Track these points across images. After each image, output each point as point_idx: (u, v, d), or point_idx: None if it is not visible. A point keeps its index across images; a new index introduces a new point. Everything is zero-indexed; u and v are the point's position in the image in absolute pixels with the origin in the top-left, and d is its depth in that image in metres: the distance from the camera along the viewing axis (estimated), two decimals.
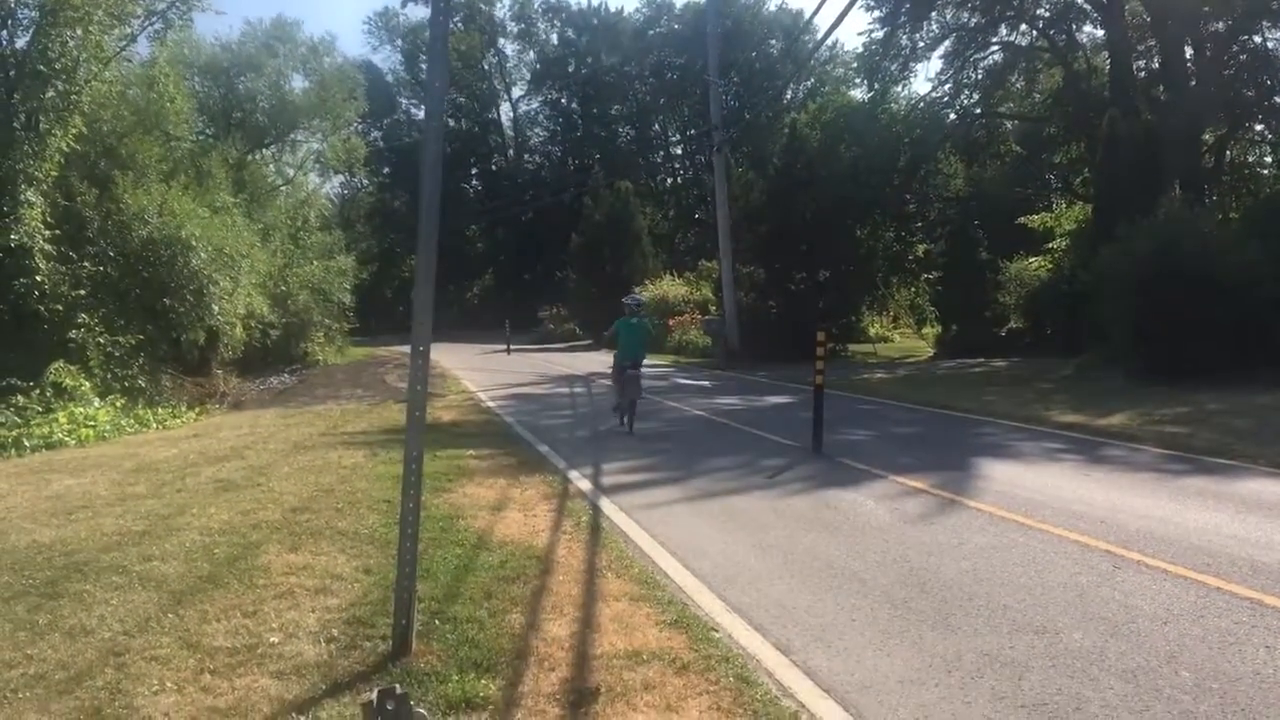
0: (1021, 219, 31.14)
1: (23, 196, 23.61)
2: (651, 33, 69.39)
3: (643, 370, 14.75)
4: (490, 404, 19.44)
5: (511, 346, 39.78)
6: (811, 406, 12.47)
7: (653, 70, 70.10)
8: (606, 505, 9.06)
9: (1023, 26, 32.19)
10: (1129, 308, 18.84)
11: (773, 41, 63.53)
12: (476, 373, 27.46)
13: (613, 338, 14.92)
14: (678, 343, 35.94)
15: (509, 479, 10.31)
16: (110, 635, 5.32)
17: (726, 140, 33.33)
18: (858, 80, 49.63)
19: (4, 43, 25.71)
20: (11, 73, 25.13)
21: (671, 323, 37.81)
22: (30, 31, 25.52)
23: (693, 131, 70.43)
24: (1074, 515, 8.27)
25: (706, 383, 23.92)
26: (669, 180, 75.91)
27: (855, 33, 56.26)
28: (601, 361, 31.72)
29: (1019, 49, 32.79)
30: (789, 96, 58.25)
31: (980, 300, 31.04)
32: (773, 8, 56.79)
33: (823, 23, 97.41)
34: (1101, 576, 6.45)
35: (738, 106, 60.90)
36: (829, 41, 48.17)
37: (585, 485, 10.14)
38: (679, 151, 75.72)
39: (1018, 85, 34.76)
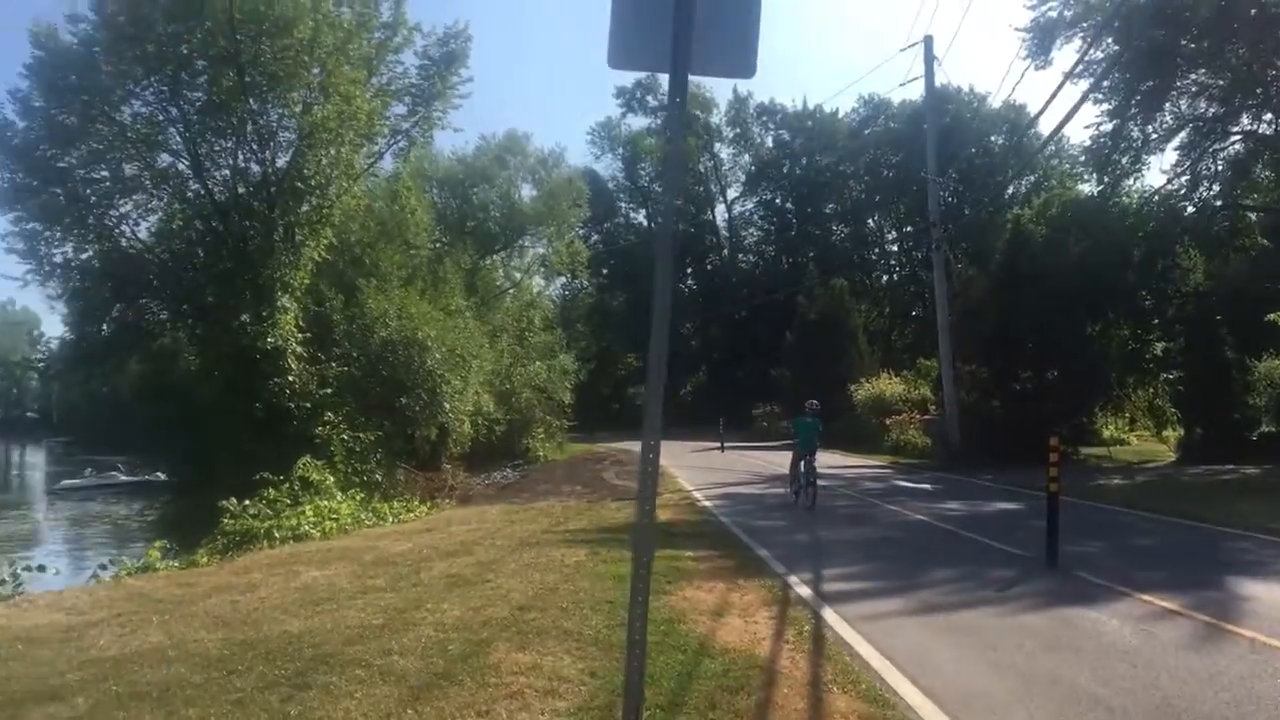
0: (1271, 315, 28.94)
1: (279, 302, 25.73)
2: (868, 131, 69.51)
3: (818, 458, 18.76)
4: (706, 503, 19.46)
5: (726, 444, 39.81)
6: (1043, 515, 11.85)
7: (868, 168, 69.98)
8: (829, 614, 8.84)
9: (1267, 115, 30.31)
10: None
11: (993, 137, 62.30)
12: (691, 471, 27.57)
13: (791, 432, 19.93)
14: (895, 442, 35.06)
15: (728, 583, 10.25)
16: None
17: (945, 236, 32.76)
18: (1085, 174, 47.94)
19: (266, 163, 28.32)
20: (273, 189, 27.61)
21: (888, 422, 36.98)
22: (290, 152, 28.03)
23: (909, 228, 69.60)
24: None
25: (927, 485, 23.18)
26: (884, 277, 75.14)
27: (1082, 125, 54.50)
28: (819, 462, 31.34)
29: (1264, 138, 30.84)
30: (1010, 192, 56.83)
31: (1227, 402, 28.90)
32: (996, 105, 55.82)
33: (1046, 117, 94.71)
34: None
35: (956, 203, 59.87)
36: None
37: (806, 592, 9.95)
38: (895, 248, 75.01)
39: (1264, 176, 32.62)
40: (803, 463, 18.29)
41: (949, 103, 57.34)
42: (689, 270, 77.72)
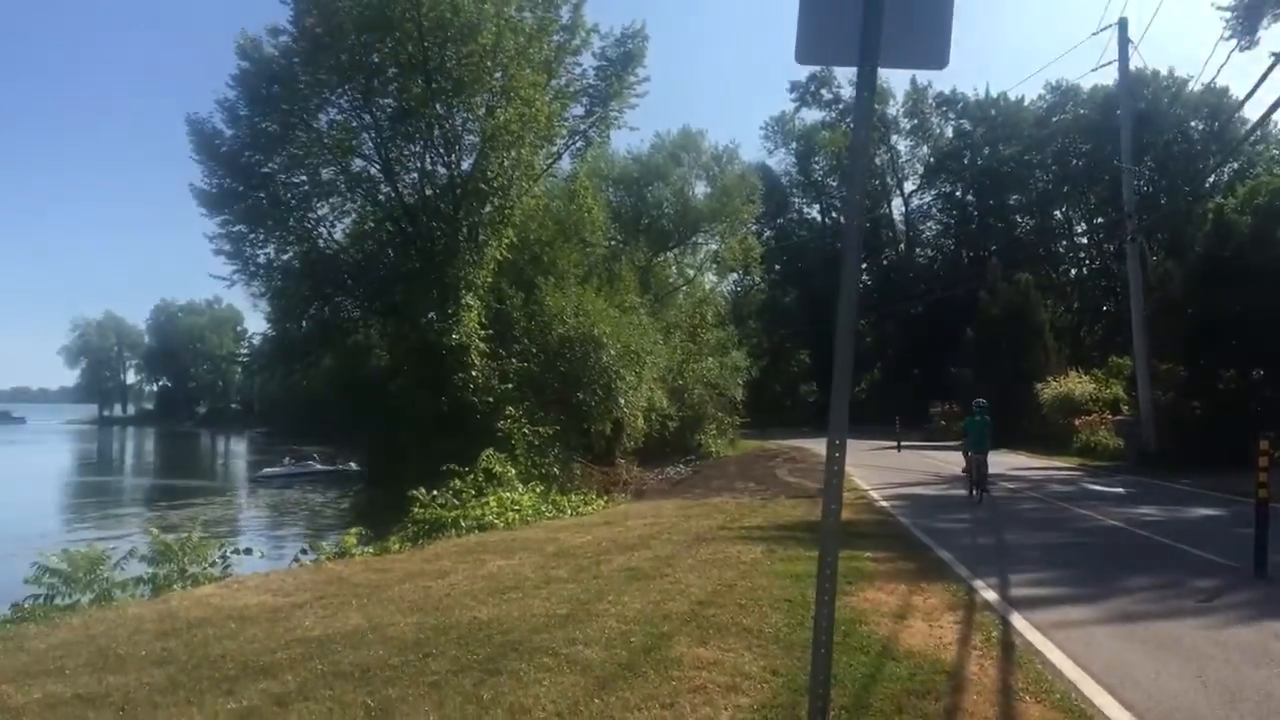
0: None
1: (464, 300, 26.67)
2: (1055, 119, 66.55)
3: (989, 457, 19.95)
4: (883, 503, 19.12)
5: (902, 443, 38.99)
6: (1248, 522, 11.14)
7: (1056, 157, 67.07)
8: (1017, 620, 8.54)
9: None
10: None
11: (1193, 123, 58.75)
12: (867, 470, 27.11)
13: (963, 430, 20.67)
14: (1084, 444, 33.53)
15: (909, 584, 10.05)
16: (545, 716, 5.75)
17: (1140, 228, 31.13)
18: None
19: (452, 165, 29.36)
20: (458, 191, 28.63)
21: (1077, 422, 35.40)
22: (473, 155, 28.99)
23: (1100, 220, 66.43)
24: None
25: (1120, 489, 22.09)
26: (1073, 271, 71.82)
27: None
28: (1001, 463, 30.36)
29: None
30: (1211, 180, 53.52)
31: None
32: (1196, 88, 52.65)
33: (1253, 100, 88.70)
34: None
35: (1151, 192, 56.80)
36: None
37: (991, 596, 9.65)
38: (1084, 240, 71.64)
39: None
40: (976, 460, 19.52)
41: (1145, 87, 54.39)
42: (865, 265, 76.38)
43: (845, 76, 72.53)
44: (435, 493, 17.51)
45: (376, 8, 25.96)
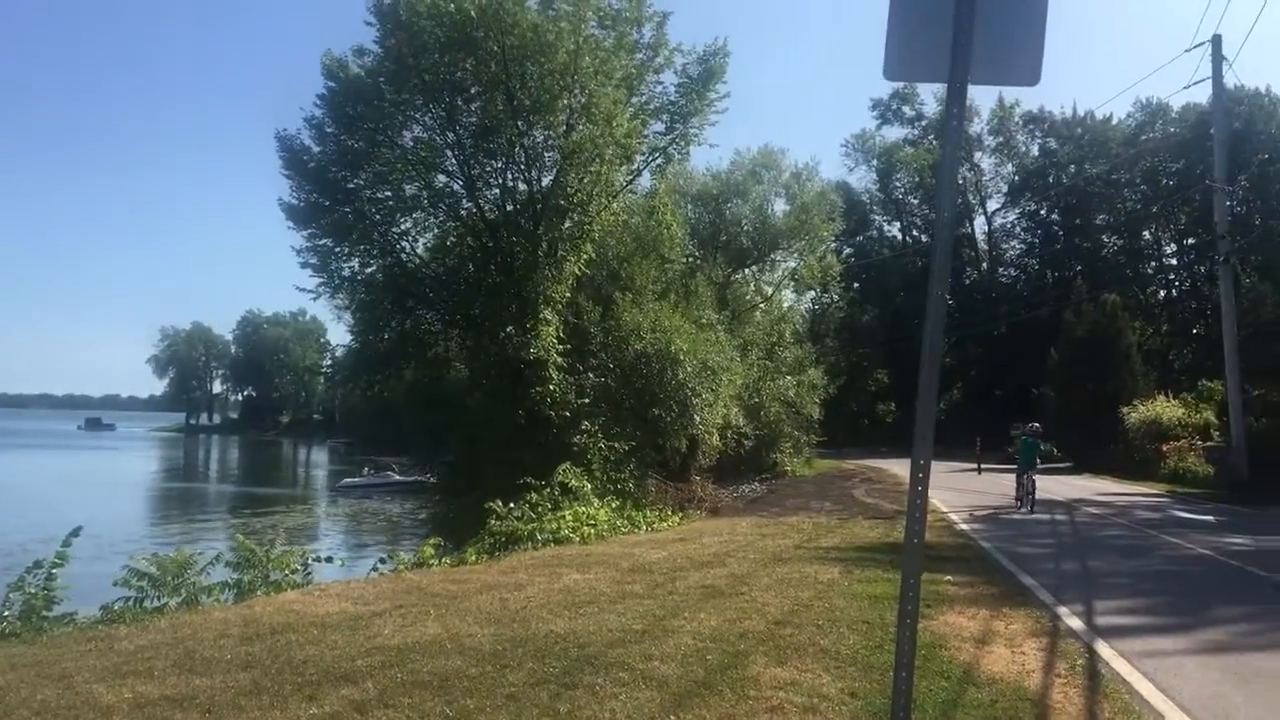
0: None
1: (542, 315, 26.87)
2: (1144, 138, 65.03)
3: (1038, 470, 23.37)
4: (963, 526, 18.82)
5: (982, 466, 38.33)
6: None
7: (1144, 177, 65.53)
8: (1103, 648, 8.31)
9: None
10: None
11: None
12: (947, 492, 26.67)
13: (1016, 450, 23.88)
14: (1173, 470, 32.61)
15: (990, 609, 9.86)
16: None
17: (1234, 250, 30.26)
18: None
19: (533, 182, 29.66)
20: (538, 207, 28.89)
21: (1165, 448, 34.45)
22: (553, 171, 29.26)
23: (1191, 241, 64.72)
24: None
25: (1210, 517, 21.44)
26: (1161, 293, 70.02)
27: None
28: (1086, 488, 29.76)
29: None
30: None
31: None
32: None
33: None
34: None
35: (1245, 212, 55.18)
36: None
37: (1076, 624, 9.41)
38: (1174, 262, 69.80)
39: None
40: (1025, 476, 22.79)
41: (1240, 105, 52.92)
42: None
43: (929, 93, 71.95)
44: (512, 505, 17.63)
45: (460, 28, 26.32)
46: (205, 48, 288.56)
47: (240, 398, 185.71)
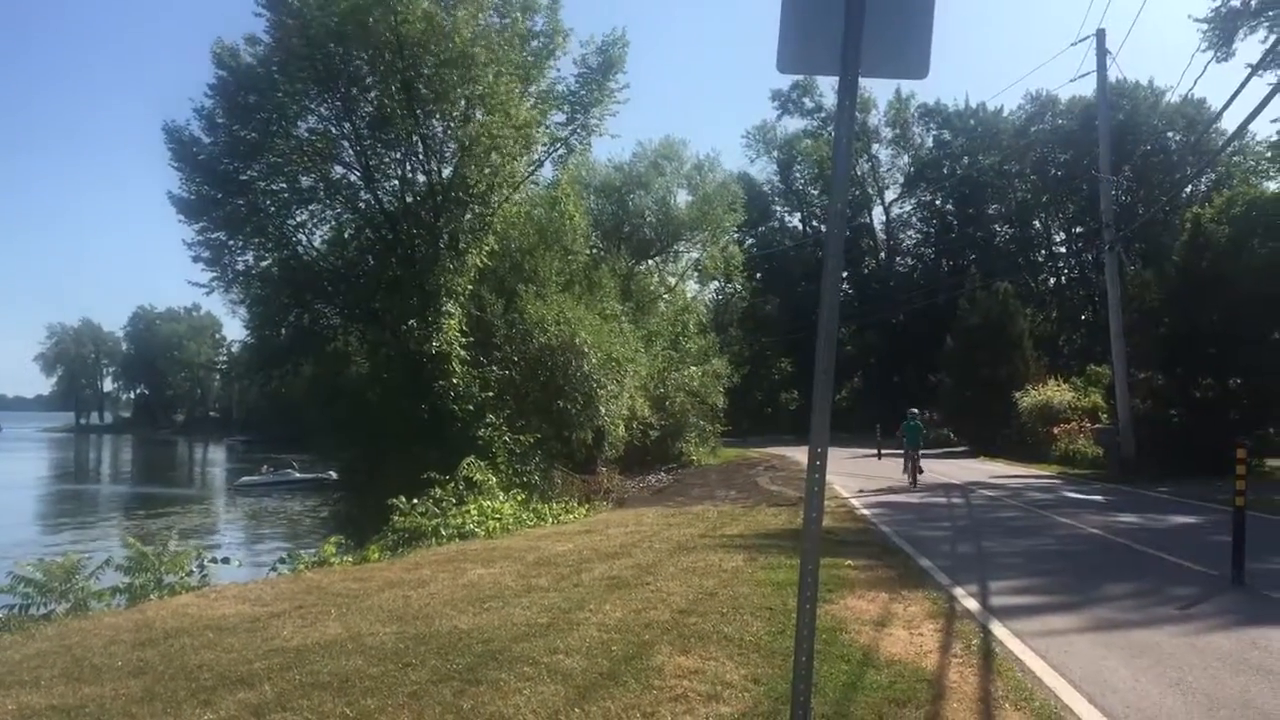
0: None
1: (444, 308, 26.59)
2: (1034, 129, 66.94)
3: (922, 451, 26.38)
4: (864, 510, 19.15)
5: (883, 451, 39.12)
6: (1224, 529, 11.20)
7: (1034, 167, 67.49)
8: (997, 629, 8.55)
9: None
10: None
11: (1170, 134, 59.20)
12: (848, 478, 27.18)
13: (901, 432, 26.60)
14: (1064, 452, 33.69)
15: (890, 592, 10.06)
16: None
17: (1118, 238, 31.30)
18: (1272, 171, 45.23)
19: (432, 173, 29.30)
20: (438, 198, 28.55)
21: (1056, 431, 35.58)
22: (453, 162, 28.93)
23: (1079, 229, 66.96)
24: None
25: (1098, 497, 22.20)
26: (1051, 280, 72.33)
27: (1269, 120, 51.04)
28: (980, 470, 30.59)
29: None
30: (1188, 190, 53.98)
31: None
32: (1174, 99, 52.95)
33: (1230, 111, 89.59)
34: None
35: (1130, 202, 57.22)
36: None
37: (972, 605, 9.66)
38: (1063, 250, 72.19)
39: None
40: (910, 454, 26.01)
41: (1123, 98, 54.81)
42: (845, 274, 76.59)
43: (828, 85, 72.86)
44: (415, 501, 17.45)
45: (351, 16, 25.85)
46: (86, 30, 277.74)
47: (133, 396, 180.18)
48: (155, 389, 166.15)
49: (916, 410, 27.86)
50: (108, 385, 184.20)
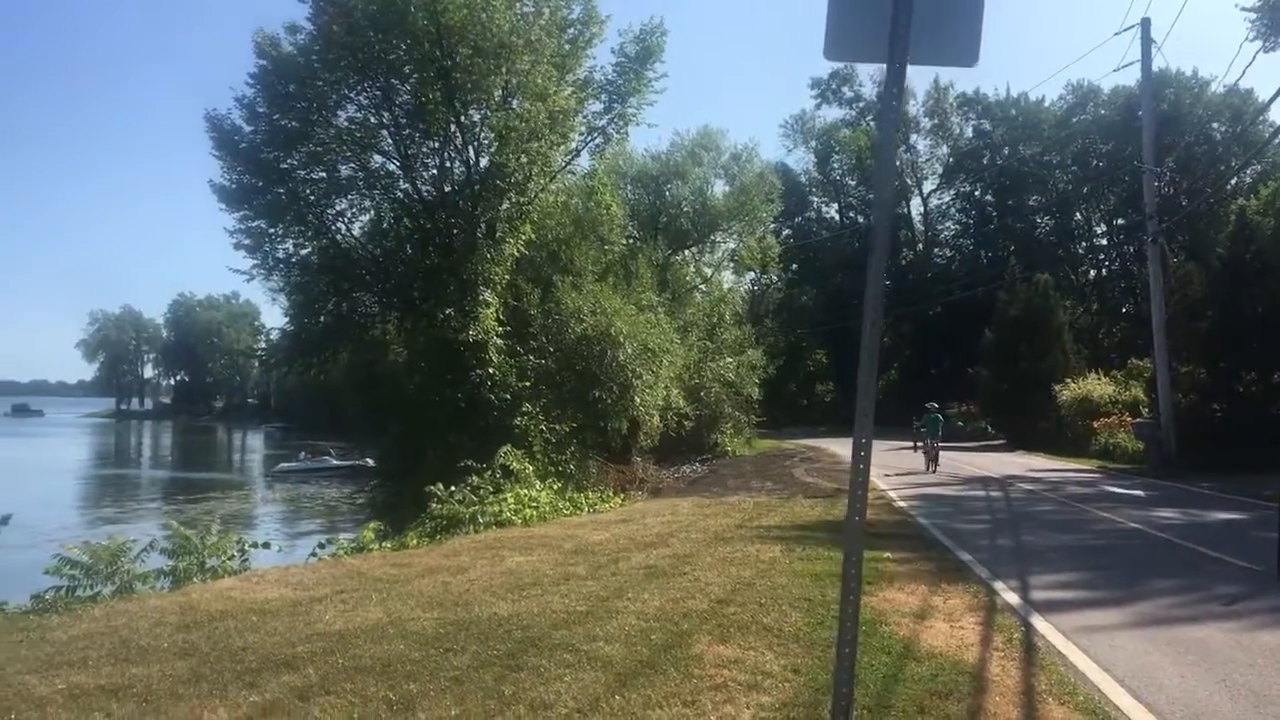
0: None
1: (481, 297, 26.67)
2: (1076, 120, 66.12)
3: (940, 443, 28.54)
4: (902, 504, 19.05)
5: (918, 444, 38.85)
6: (1271, 525, 11.03)
7: (1076, 158, 66.69)
8: (1039, 623, 8.48)
9: None
10: None
11: (1216, 124, 58.24)
12: (884, 470, 27.02)
13: (921, 424, 29.53)
14: (1103, 446, 33.32)
15: (929, 585, 10.00)
16: (567, 712, 5.75)
17: (1161, 230, 30.87)
18: None
19: (470, 162, 29.37)
20: (476, 187, 28.60)
21: (1096, 425, 35.20)
22: (491, 151, 28.97)
23: (1121, 221, 66.10)
24: None
25: (1139, 492, 21.95)
26: (1092, 273, 71.41)
27: None
28: (1018, 464, 30.35)
29: None
30: (1233, 182, 53.12)
31: None
32: (1219, 89, 52.10)
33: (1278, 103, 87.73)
34: None
35: (1173, 193, 56.45)
36: None
37: (1013, 599, 9.58)
38: (1104, 242, 71.26)
39: None
40: (930, 444, 28.46)
41: (1167, 88, 54.02)
42: None
43: (867, 75, 72.39)
44: (453, 488, 17.52)
45: (392, 5, 25.93)
46: (131, 23, 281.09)
47: (172, 382, 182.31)
48: (194, 375, 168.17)
49: (935, 404, 31.04)
50: (148, 372, 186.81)
